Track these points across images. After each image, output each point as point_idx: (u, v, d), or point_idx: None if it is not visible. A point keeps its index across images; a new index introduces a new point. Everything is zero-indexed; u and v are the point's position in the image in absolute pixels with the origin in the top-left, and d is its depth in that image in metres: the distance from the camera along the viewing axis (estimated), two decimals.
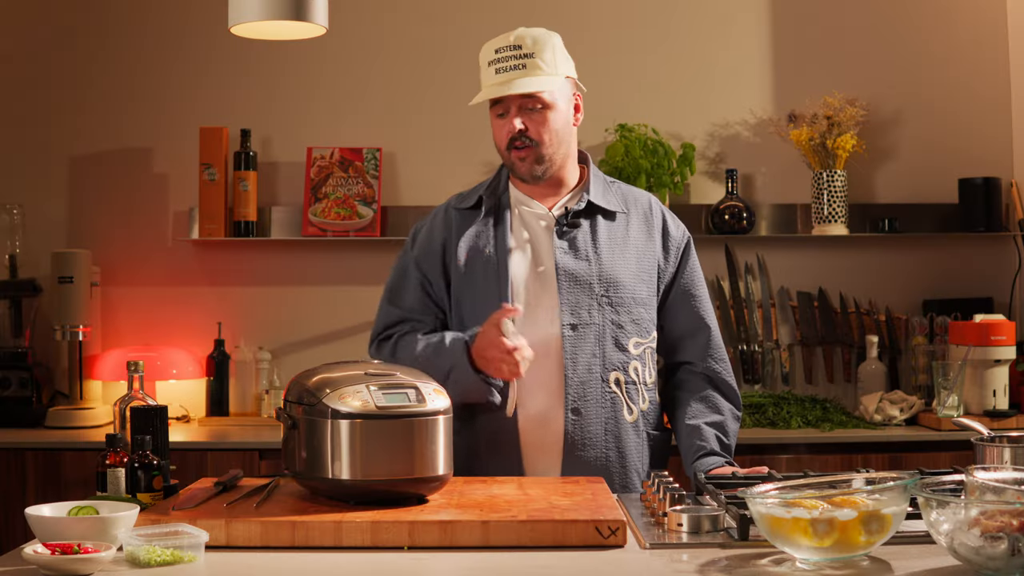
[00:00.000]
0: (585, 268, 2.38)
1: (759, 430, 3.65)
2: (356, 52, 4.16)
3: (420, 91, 4.16)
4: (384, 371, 2.01)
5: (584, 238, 2.41)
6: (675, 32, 4.18)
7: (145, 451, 2.02)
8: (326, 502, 1.92)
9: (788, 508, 1.60)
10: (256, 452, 3.48)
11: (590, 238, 2.41)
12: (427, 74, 4.16)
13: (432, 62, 4.16)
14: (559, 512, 1.83)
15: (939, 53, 4.19)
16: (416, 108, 4.16)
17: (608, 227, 2.43)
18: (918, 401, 3.74)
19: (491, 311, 2.34)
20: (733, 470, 2.24)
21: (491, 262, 2.40)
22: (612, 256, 2.41)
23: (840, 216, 3.98)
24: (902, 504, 1.62)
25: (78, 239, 4.12)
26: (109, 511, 1.76)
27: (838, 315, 4.12)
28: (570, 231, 2.41)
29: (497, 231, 2.43)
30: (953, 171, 4.10)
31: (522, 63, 2.34)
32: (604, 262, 2.40)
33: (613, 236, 2.43)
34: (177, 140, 4.12)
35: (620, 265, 2.41)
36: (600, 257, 2.40)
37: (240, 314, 4.10)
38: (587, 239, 2.41)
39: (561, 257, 2.39)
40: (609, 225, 2.44)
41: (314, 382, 1.97)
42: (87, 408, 3.82)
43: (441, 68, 4.15)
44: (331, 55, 4.13)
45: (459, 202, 2.52)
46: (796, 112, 4.07)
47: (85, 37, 4.16)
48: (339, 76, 4.16)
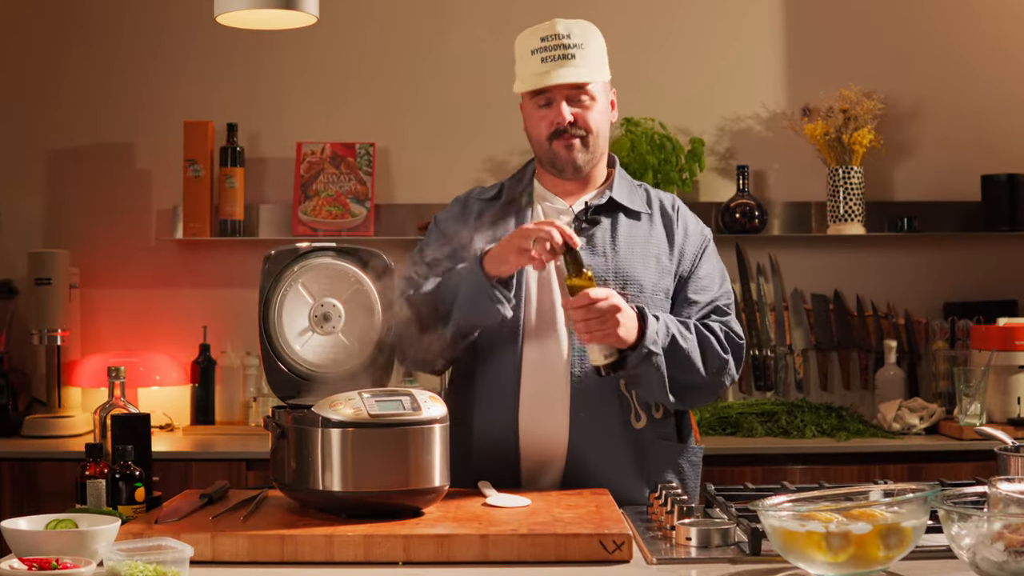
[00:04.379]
0: (600, 264, 2.39)
1: (772, 439, 3.65)
2: (348, 42, 4.16)
3: (416, 83, 4.16)
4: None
5: (603, 235, 2.43)
6: (683, 21, 4.19)
7: (127, 461, 2.02)
8: (317, 515, 1.92)
9: (802, 521, 1.60)
10: (243, 462, 3.47)
11: (609, 235, 2.43)
12: (423, 65, 4.16)
13: (429, 52, 4.16)
14: (561, 525, 1.83)
15: (961, 43, 4.19)
16: (412, 101, 4.16)
17: (630, 226, 2.45)
18: (939, 409, 3.74)
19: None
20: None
21: None
22: (631, 254, 2.41)
23: (857, 215, 3.98)
24: (922, 517, 1.62)
25: (56, 239, 4.12)
26: (89, 524, 1.76)
27: (854, 319, 4.12)
28: (589, 228, 2.43)
29: (516, 223, 2.44)
30: (976, 167, 4.10)
31: (571, 53, 2.37)
32: (621, 259, 2.40)
33: (634, 235, 2.44)
34: (160, 135, 4.12)
35: (639, 264, 2.41)
36: (618, 254, 2.41)
37: (226, 317, 4.09)
38: (606, 236, 2.43)
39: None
40: (631, 224, 2.45)
41: None
42: (66, 416, 3.82)
43: (438, 58, 4.15)
44: (322, 45, 4.13)
45: (480, 192, 2.56)
46: (810, 105, 4.07)
47: (63, 26, 4.16)
48: (330, 67, 4.17)
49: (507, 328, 2.35)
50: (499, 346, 2.37)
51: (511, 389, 2.36)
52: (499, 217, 2.48)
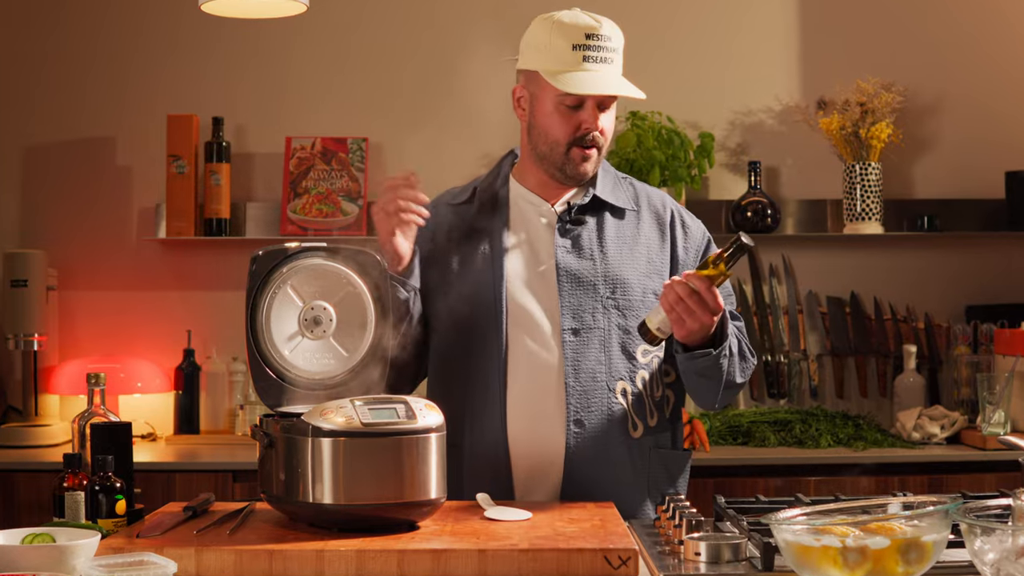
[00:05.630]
0: (589, 268, 2.39)
1: (785, 449, 3.65)
2: (340, 31, 4.17)
3: (411, 75, 4.16)
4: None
5: (589, 236, 2.42)
6: (691, 7, 4.19)
7: (107, 472, 2.02)
8: (307, 529, 1.92)
9: (817, 535, 1.60)
10: (229, 474, 3.48)
11: (596, 236, 2.42)
12: (419, 56, 4.16)
13: (425, 43, 4.16)
14: (564, 540, 1.83)
15: (984, 32, 4.19)
16: (406, 94, 4.16)
17: (617, 225, 2.44)
18: (960, 417, 3.74)
19: (483, 317, 2.35)
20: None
21: (485, 260, 2.41)
22: (620, 256, 2.41)
23: (874, 213, 3.98)
24: (943, 531, 1.62)
25: (32, 239, 4.12)
26: (67, 539, 1.76)
27: (872, 322, 4.12)
28: (573, 228, 2.42)
29: (493, 227, 2.43)
30: (999, 163, 4.11)
31: (612, 57, 2.38)
32: (611, 262, 2.40)
33: (622, 235, 2.44)
34: (142, 129, 4.12)
35: (628, 265, 2.41)
36: (606, 256, 2.41)
37: (212, 321, 4.10)
38: (592, 237, 2.42)
39: (563, 256, 2.40)
40: (618, 223, 2.45)
41: None
42: (43, 425, 3.82)
43: (434, 50, 4.15)
44: (312, 34, 4.14)
45: (452, 198, 2.53)
46: (826, 98, 4.07)
47: (39, 13, 4.17)
48: (321, 57, 4.17)
49: (493, 338, 2.36)
50: (485, 357, 2.37)
51: (498, 397, 2.36)
52: (474, 224, 2.46)
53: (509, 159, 2.53)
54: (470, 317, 2.38)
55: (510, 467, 2.36)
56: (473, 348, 2.39)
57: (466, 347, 2.40)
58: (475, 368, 2.38)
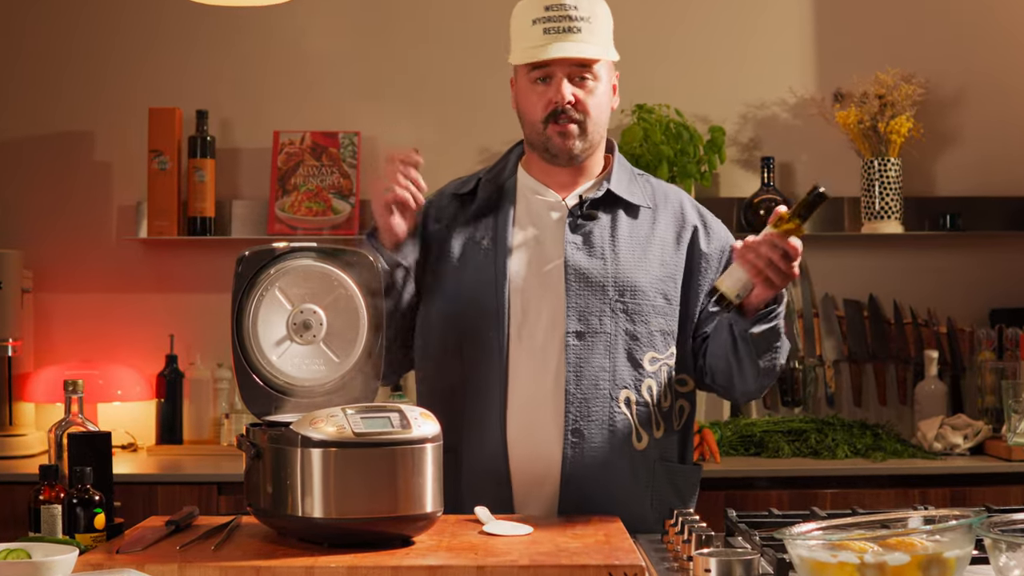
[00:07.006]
0: (599, 268, 2.39)
1: (800, 460, 3.65)
2: (330, 20, 4.17)
3: (404, 66, 4.16)
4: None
5: (601, 234, 2.42)
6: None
7: (85, 485, 2.02)
8: (296, 544, 1.92)
9: (833, 551, 1.60)
10: (214, 486, 3.48)
11: (608, 234, 2.42)
12: (412, 46, 4.16)
13: (418, 32, 4.17)
14: (567, 556, 1.84)
15: (1009, 23, 4.19)
16: (399, 86, 4.16)
17: (631, 224, 2.44)
18: (985, 427, 3.75)
19: (483, 318, 2.35)
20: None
21: (488, 256, 2.40)
22: (632, 256, 2.41)
23: (894, 212, 3.98)
24: (966, 546, 1.62)
25: (6, 238, 4.12)
26: (43, 555, 1.76)
27: (891, 327, 4.12)
28: (585, 224, 2.42)
29: (498, 221, 2.43)
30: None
31: (577, 26, 2.36)
32: (622, 263, 2.40)
33: (635, 234, 2.43)
34: (122, 123, 4.13)
35: (641, 268, 2.41)
36: (618, 256, 2.40)
37: (196, 326, 4.10)
38: (605, 235, 2.41)
39: (572, 253, 2.39)
40: (632, 222, 2.44)
41: None
42: (17, 435, 3.82)
43: (428, 39, 4.16)
44: (301, 23, 4.14)
45: (456, 188, 2.54)
46: (843, 90, 4.08)
47: (13, 1, 4.17)
48: (310, 48, 4.17)
49: (492, 339, 2.36)
50: (484, 359, 2.37)
51: (497, 402, 2.35)
52: (478, 216, 2.46)
53: (517, 150, 2.53)
54: (470, 317, 2.38)
55: (509, 479, 2.36)
56: (472, 351, 2.39)
57: (465, 349, 2.39)
58: (474, 372, 2.38)
